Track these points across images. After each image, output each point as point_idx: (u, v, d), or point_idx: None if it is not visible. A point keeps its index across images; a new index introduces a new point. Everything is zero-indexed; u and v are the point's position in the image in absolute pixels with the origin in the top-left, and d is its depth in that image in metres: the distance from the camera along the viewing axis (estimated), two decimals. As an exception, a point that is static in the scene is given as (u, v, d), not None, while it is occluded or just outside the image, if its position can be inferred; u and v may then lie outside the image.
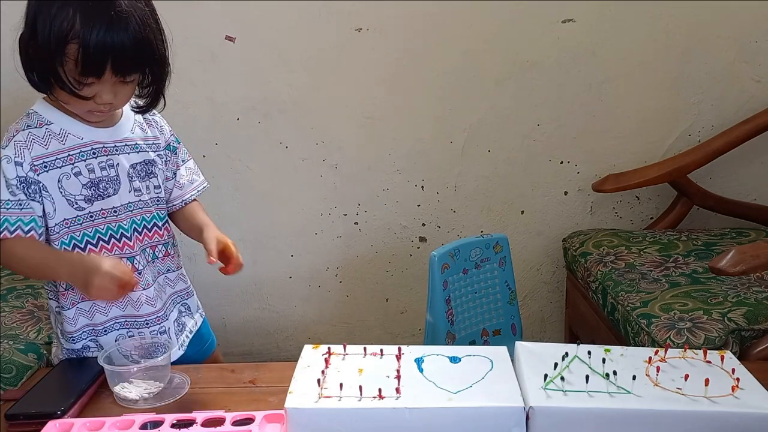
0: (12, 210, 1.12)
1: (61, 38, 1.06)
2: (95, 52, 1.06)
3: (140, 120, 1.27)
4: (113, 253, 1.21)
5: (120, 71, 1.10)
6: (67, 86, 1.08)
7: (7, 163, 1.13)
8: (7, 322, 1.50)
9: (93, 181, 1.18)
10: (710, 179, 2.15)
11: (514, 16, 2.04)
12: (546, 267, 2.26)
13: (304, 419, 0.97)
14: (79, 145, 1.17)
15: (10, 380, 1.29)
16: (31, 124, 1.17)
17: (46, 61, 1.08)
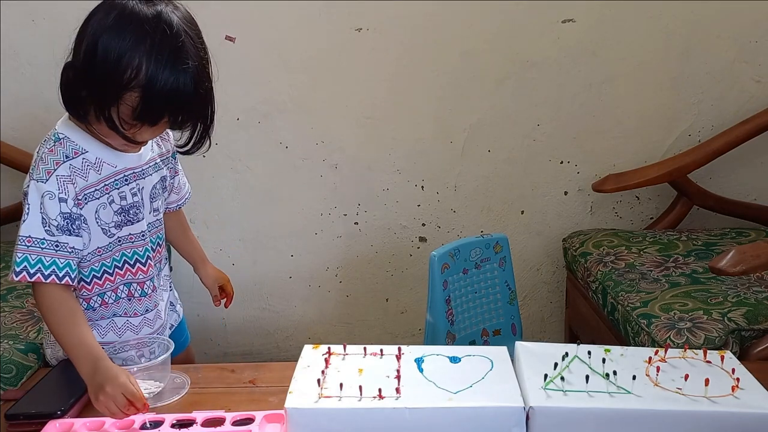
0: (47, 250, 1.07)
1: (123, 84, 1.01)
2: (156, 105, 1.03)
3: (156, 138, 1.23)
4: (137, 277, 1.20)
5: (175, 124, 1.09)
6: (117, 128, 1.04)
7: (50, 199, 1.07)
8: (7, 322, 1.50)
9: (124, 207, 1.17)
10: (710, 179, 2.15)
11: (514, 16, 2.04)
12: (546, 267, 2.26)
13: (304, 419, 0.97)
14: (114, 173, 1.14)
15: (10, 380, 1.29)
16: (68, 155, 1.11)
17: (100, 99, 1.03)
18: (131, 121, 1.04)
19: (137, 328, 1.25)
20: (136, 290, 1.23)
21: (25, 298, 1.61)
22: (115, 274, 1.19)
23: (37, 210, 1.07)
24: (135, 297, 1.23)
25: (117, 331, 1.23)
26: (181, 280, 2.24)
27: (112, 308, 1.22)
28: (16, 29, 2.05)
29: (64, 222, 1.08)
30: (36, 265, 1.07)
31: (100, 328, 1.22)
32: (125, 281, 1.21)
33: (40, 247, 1.07)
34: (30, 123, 2.11)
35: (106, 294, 1.20)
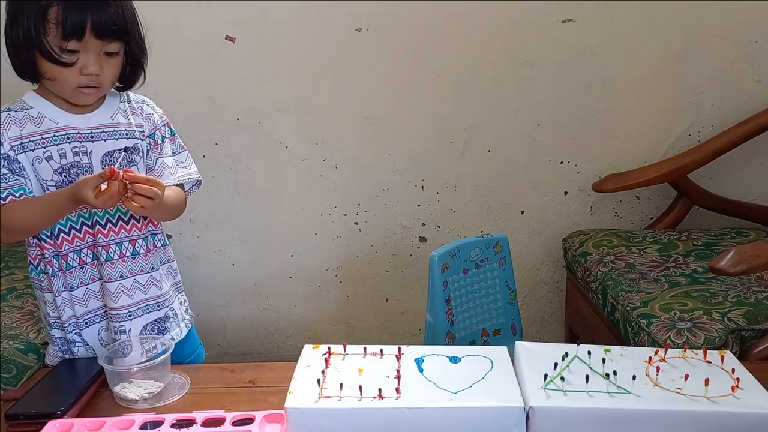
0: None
1: (43, 5, 1.10)
2: (74, 12, 1.10)
3: (124, 107, 1.26)
4: (86, 242, 1.21)
5: (101, 33, 1.13)
6: (51, 54, 1.12)
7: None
8: (7, 322, 1.50)
9: (64, 167, 1.18)
10: (710, 179, 2.15)
11: (514, 16, 2.04)
12: (546, 267, 2.26)
13: (304, 419, 0.97)
14: (53, 129, 1.18)
15: (10, 380, 1.29)
16: (12, 108, 1.20)
17: (31, 35, 1.11)
18: (61, 42, 1.11)
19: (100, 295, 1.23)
20: (93, 255, 1.22)
21: (25, 298, 1.61)
22: (61, 239, 1.20)
23: None
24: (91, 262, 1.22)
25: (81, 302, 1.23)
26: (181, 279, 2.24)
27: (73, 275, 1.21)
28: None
29: (5, 162, 1.15)
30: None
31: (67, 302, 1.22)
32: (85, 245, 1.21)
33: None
34: (30, 123, 2.11)
35: (68, 256, 1.20)
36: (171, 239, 2.19)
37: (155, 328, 1.29)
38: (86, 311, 1.24)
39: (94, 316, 1.25)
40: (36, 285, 1.25)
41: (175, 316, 1.33)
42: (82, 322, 1.24)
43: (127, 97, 1.28)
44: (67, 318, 1.23)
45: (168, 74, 2.07)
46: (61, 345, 1.25)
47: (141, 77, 1.25)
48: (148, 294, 1.27)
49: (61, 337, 1.24)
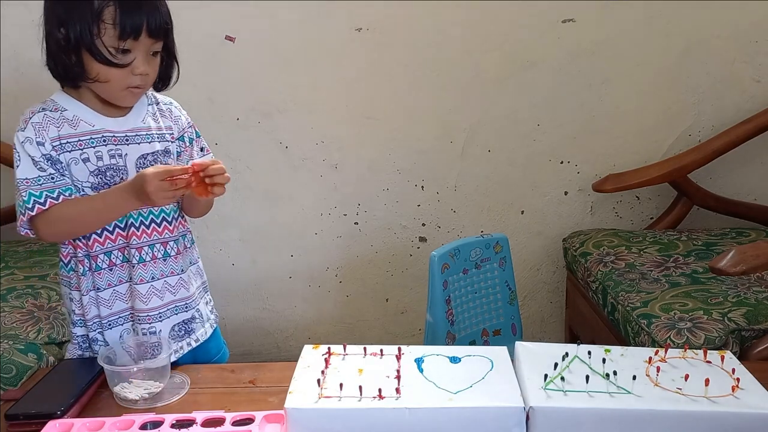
0: (46, 184, 1.15)
1: (98, 6, 1.11)
2: (131, 11, 1.11)
3: (153, 110, 1.27)
4: (117, 243, 1.21)
5: (153, 33, 1.14)
6: (105, 56, 1.12)
7: (30, 144, 1.15)
8: (7, 322, 1.50)
9: (100, 168, 1.18)
10: (710, 179, 2.15)
11: (514, 16, 2.04)
12: (546, 267, 2.26)
13: (304, 419, 0.97)
14: (90, 131, 1.18)
15: (10, 380, 1.29)
16: (46, 108, 1.19)
17: (84, 37, 1.11)
18: (117, 43, 1.12)
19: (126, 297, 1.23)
20: (125, 257, 1.22)
21: (25, 298, 1.61)
22: (92, 240, 1.20)
23: (24, 155, 1.15)
24: (121, 263, 1.23)
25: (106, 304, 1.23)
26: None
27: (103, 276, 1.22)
28: (16, 29, 2.05)
29: (48, 162, 1.15)
30: (42, 195, 1.14)
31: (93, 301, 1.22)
32: (117, 246, 1.22)
33: (39, 184, 1.14)
34: (30, 123, 2.11)
35: (99, 257, 1.21)
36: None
37: (182, 329, 1.29)
38: (111, 313, 1.24)
39: (118, 318, 1.24)
40: (64, 282, 1.25)
41: (200, 316, 1.33)
42: (105, 323, 1.24)
43: (155, 99, 1.29)
44: (92, 317, 1.23)
45: (168, 74, 2.08)
46: (82, 343, 1.25)
47: (176, 75, 1.26)
48: (177, 295, 1.27)
49: (83, 335, 1.25)
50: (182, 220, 1.30)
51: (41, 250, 1.93)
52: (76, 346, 1.26)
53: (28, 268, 1.79)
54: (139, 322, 1.24)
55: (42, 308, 1.58)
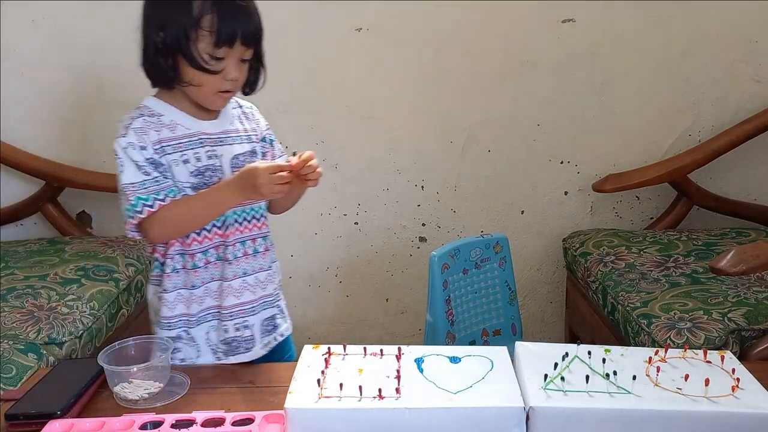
0: (152, 187, 1.17)
1: (197, 13, 1.14)
2: (229, 19, 1.15)
3: (238, 113, 1.32)
4: (213, 242, 1.24)
5: (247, 41, 1.18)
6: (200, 62, 1.15)
7: (133, 149, 1.18)
8: (7, 322, 1.50)
9: (200, 169, 1.22)
10: (710, 179, 2.15)
11: (514, 16, 2.04)
12: (546, 267, 2.26)
13: (304, 419, 0.97)
14: (188, 134, 1.22)
15: (10, 380, 1.29)
16: (143, 113, 1.21)
17: (181, 42, 1.14)
18: (212, 51, 1.15)
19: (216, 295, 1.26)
20: (217, 254, 1.25)
21: (25, 298, 1.61)
22: (191, 239, 1.23)
23: (128, 160, 1.18)
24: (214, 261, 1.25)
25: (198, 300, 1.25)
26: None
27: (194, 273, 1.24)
28: (16, 29, 2.05)
29: (152, 166, 1.18)
30: (149, 199, 1.17)
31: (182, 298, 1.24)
32: (212, 245, 1.25)
33: (145, 188, 1.17)
34: (30, 123, 2.11)
35: (191, 255, 1.24)
36: (171, 239, 2.20)
37: (270, 324, 1.33)
38: (200, 309, 1.26)
39: (206, 315, 1.27)
40: (155, 281, 1.27)
41: (281, 312, 1.37)
42: (193, 320, 1.26)
43: (238, 103, 1.34)
44: (177, 315, 1.25)
45: (168, 74, 2.08)
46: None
47: (263, 80, 1.30)
48: (266, 290, 1.31)
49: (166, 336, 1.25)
50: (265, 219, 1.34)
51: (41, 250, 1.94)
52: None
53: (28, 268, 1.79)
54: (230, 318, 1.27)
55: (42, 308, 1.58)
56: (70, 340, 1.52)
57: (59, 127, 2.12)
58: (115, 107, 2.10)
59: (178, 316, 1.25)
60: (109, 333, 1.68)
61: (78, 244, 1.96)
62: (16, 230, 2.18)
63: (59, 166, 2.09)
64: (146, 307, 1.91)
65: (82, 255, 1.87)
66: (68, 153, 2.12)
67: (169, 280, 1.24)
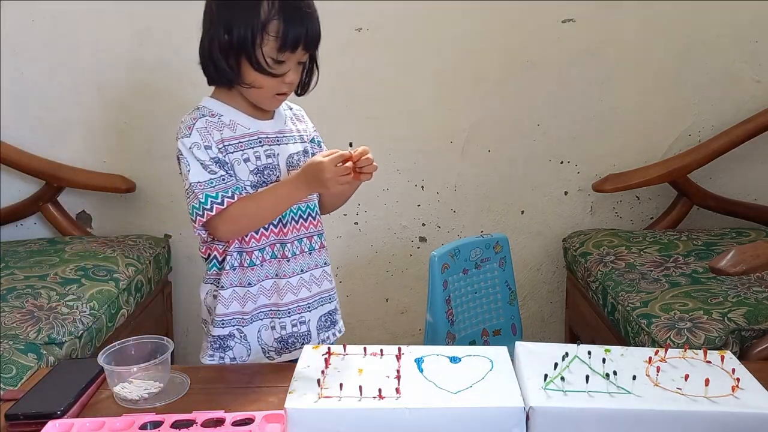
0: (219, 185, 1.20)
1: (264, 18, 1.16)
2: (295, 25, 1.17)
3: (291, 114, 1.36)
4: (270, 240, 1.27)
5: (308, 46, 1.21)
6: (264, 66, 1.18)
7: (198, 148, 1.21)
8: (7, 322, 1.50)
9: (259, 167, 1.25)
10: (710, 179, 2.15)
11: (514, 16, 2.04)
12: (546, 267, 2.26)
13: (304, 419, 0.97)
14: (247, 134, 1.25)
15: (10, 380, 1.29)
16: (204, 114, 1.24)
17: (246, 45, 1.17)
18: (276, 55, 1.18)
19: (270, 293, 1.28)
20: (274, 252, 1.27)
21: (25, 298, 1.61)
22: (249, 236, 1.26)
23: (193, 160, 1.21)
24: (270, 259, 1.27)
25: (253, 298, 1.27)
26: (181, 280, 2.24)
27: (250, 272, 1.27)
28: (16, 29, 2.05)
29: (217, 165, 1.21)
30: (219, 197, 1.20)
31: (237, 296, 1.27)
32: (269, 243, 1.27)
33: (213, 186, 1.20)
34: (30, 123, 2.11)
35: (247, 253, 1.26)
36: (171, 239, 2.20)
37: (328, 319, 1.35)
38: (255, 307, 1.28)
39: (259, 313, 1.29)
40: (210, 280, 1.30)
41: (337, 310, 1.39)
42: (247, 318, 1.28)
43: (288, 105, 1.37)
44: (232, 312, 1.27)
45: (168, 74, 2.07)
46: (213, 343, 1.29)
47: (315, 82, 1.32)
48: (321, 287, 1.34)
49: (218, 335, 1.28)
50: (320, 217, 1.35)
51: (41, 250, 1.93)
52: (209, 345, 1.30)
53: (28, 268, 1.79)
54: (288, 315, 1.29)
55: (42, 308, 1.58)
56: (70, 340, 1.52)
57: (59, 127, 2.12)
58: (116, 107, 2.11)
59: (232, 314, 1.27)
60: (109, 333, 1.68)
61: (78, 244, 1.96)
62: (16, 230, 2.18)
63: (59, 166, 2.09)
64: (146, 307, 1.93)
65: (82, 255, 1.87)
66: (68, 153, 2.12)
67: (227, 278, 1.26)
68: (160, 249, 2.04)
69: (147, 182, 2.16)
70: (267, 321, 1.30)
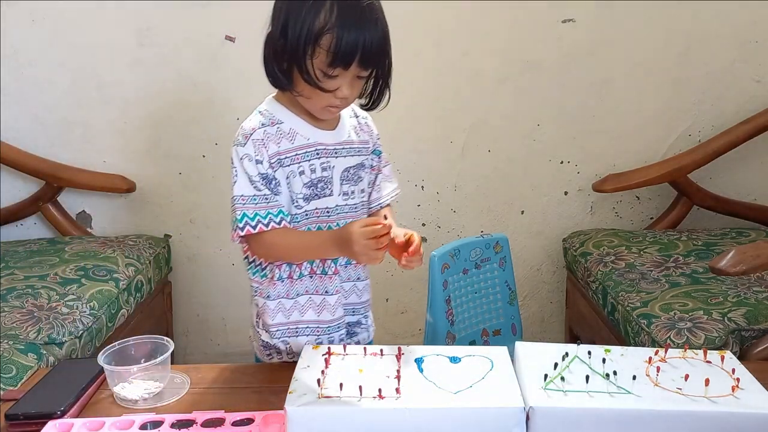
0: (260, 204, 1.17)
1: (318, 29, 1.10)
2: (348, 43, 1.10)
3: (354, 123, 1.30)
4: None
5: (365, 64, 1.13)
6: (312, 79, 1.12)
7: (248, 161, 1.17)
8: (7, 322, 1.50)
9: (313, 180, 1.21)
10: (710, 179, 2.15)
11: (514, 16, 2.04)
12: (546, 267, 2.26)
13: (304, 419, 0.97)
14: (306, 145, 1.20)
15: (10, 380, 1.29)
16: (264, 123, 1.21)
17: (297, 53, 1.11)
18: (326, 69, 1.11)
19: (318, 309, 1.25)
20: (319, 267, 1.24)
21: (25, 298, 1.61)
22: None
23: (242, 171, 1.18)
24: (317, 274, 1.25)
25: (300, 309, 1.25)
26: (181, 279, 2.24)
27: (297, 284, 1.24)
28: (16, 29, 2.05)
29: (263, 181, 1.17)
30: (255, 218, 1.16)
31: (283, 308, 1.24)
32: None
33: (254, 203, 1.17)
34: (30, 123, 2.11)
35: (294, 265, 1.23)
36: (171, 239, 2.20)
37: (347, 331, 1.31)
38: (301, 320, 1.25)
39: (305, 328, 1.25)
40: (256, 288, 1.26)
41: (363, 324, 1.35)
42: (293, 330, 1.25)
43: (354, 113, 1.31)
44: (277, 323, 1.24)
45: (168, 74, 2.08)
46: (264, 348, 1.27)
47: (387, 97, 1.25)
48: (361, 299, 1.32)
49: (266, 342, 1.26)
50: None
51: (41, 250, 1.93)
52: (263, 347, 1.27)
53: (28, 268, 1.79)
54: (327, 333, 1.26)
55: (42, 308, 1.58)
56: (70, 340, 1.52)
57: (59, 127, 2.12)
58: (115, 107, 2.11)
59: (277, 325, 1.24)
60: (109, 333, 1.68)
61: (78, 244, 1.96)
62: (16, 230, 2.18)
63: (59, 166, 2.09)
64: (146, 307, 1.93)
65: (82, 255, 1.87)
66: (68, 153, 2.12)
67: (274, 288, 1.23)
68: (160, 249, 2.04)
69: (147, 182, 2.16)
70: (312, 337, 1.26)
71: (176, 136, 2.13)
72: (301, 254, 1.21)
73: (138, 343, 1.21)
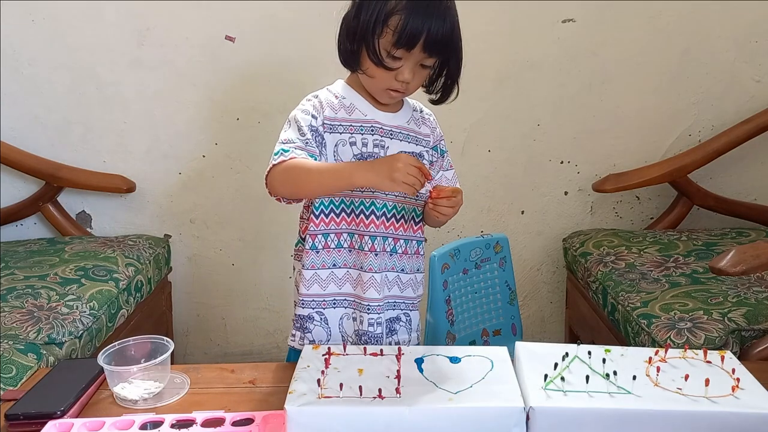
0: (298, 144, 1.20)
1: (389, 10, 1.16)
2: (413, 26, 1.15)
3: (417, 116, 1.34)
4: (350, 227, 1.26)
5: (428, 49, 1.17)
6: (378, 56, 1.17)
7: (305, 114, 1.24)
8: (7, 322, 1.50)
9: (363, 154, 1.24)
10: (710, 179, 2.15)
11: (514, 16, 2.04)
12: (546, 267, 2.26)
13: (304, 419, 0.97)
14: (362, 120, 1.26)
15: (10, 380, 1.29)
16: (328, 94, 1.28)
17: (367, 32, 1.17)
18: (390, 49, 1.17)
19: (354, 283, 1.27)
20: (357, 242, 1.26)
21: (25, 298, 1.61)
22: (340, 218, 1.26)
23: (294, 123, 1.24)
24: (355, 249, 1.26)
25: (337, 282, 1.26)
26: (181, 279, 2.24)
27: (333, 255, 1.26)
28: (16, 29, 2.05)
29: (311, 134, 1.22)
30: (289, 152, 1.19)
31: (319, 279, 1.26)
32: (349, 230, 1.26)
33: (293, 144, 1.20)
34: (30, 123, 2.11)
35: (330, 236, 1.25)
36: (171, 239, 2.20)
37: (389, 326, 1.32)
38: (338, 292, 1.27)
39: (343, 300, 1.27)
40: (297, 256, 1.30)
41: (407, 323, 1.36)
42: (330, 301, 1.27)
43: (419, 107, 1.36)
44: (312, 293, 1.26)
45: (168, 74, 2.08)
46: (296, 322, 1.28)
47: (455, 93, 1.29)
48: (404, 293, 1.33)
49: (300, 315, 1.27)
50: (415, 226, 1.34)
51: (41, 250, 1.94)
52: (296, 327, 1.29)
53: (28, 268, 1.79)
54: (368, 312, 1.27)
55: (42, 308, 1.58)
56: (70, 340, 1.52)
57: (59, 127, 2.12)
58: (115, 107, 2.11)
59: (311, 296, 1.26)
60: (109, 333, 1.68)
61: (78, 244, 1.96)
62: (16, 230, 2.18)
63: (59, 166, 2.09)
64: (146, 307, 1.93)
65: (82, 255, 1.87)
66: (68, 153, 2.12)
67: (309, 257, 1.25)
68: (160, 249, 2.04)
69: (147, 182, 2.16)
70: (350, 311, 1.28)
71: (176, 136, 2.13)
72: (319, 175, 1.18)
73: (138, 343, 1.21)
